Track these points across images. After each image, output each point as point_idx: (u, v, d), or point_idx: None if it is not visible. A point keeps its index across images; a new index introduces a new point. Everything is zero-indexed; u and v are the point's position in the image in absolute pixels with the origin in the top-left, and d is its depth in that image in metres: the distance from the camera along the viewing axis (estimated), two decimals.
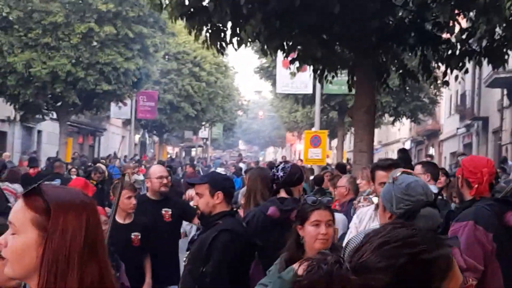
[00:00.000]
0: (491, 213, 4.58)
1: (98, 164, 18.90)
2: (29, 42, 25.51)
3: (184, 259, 5.28)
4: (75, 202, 2.09)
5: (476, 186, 4.76)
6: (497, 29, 10.79)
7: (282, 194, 5.72)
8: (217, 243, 4.82)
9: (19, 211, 2.09)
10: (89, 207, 2.12)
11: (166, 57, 41.65)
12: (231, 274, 4.80)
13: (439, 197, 5.76)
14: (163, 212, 7.55)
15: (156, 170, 7.81)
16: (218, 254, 4.80)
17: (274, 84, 29.60)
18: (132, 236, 7.04)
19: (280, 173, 5.78)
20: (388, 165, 5.26)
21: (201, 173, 24.79)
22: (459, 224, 4.55)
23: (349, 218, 6.84)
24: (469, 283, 2.12)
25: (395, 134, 58.02)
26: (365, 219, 5.51)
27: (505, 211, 4.59)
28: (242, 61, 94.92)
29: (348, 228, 6.30)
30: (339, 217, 7.07)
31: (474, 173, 4.79)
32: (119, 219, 6.75)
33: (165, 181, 7.57)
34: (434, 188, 4.55)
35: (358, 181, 8.06)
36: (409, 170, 4.33)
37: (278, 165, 6.01)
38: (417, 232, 1.72)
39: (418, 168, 7.73)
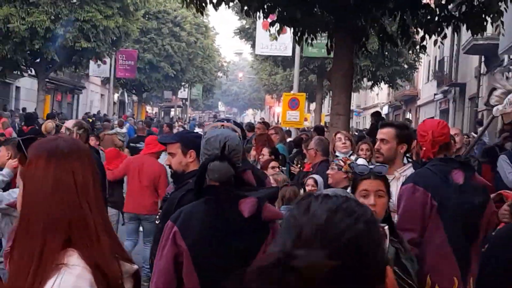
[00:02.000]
0: (432, 173, 4.80)
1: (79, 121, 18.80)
2: None
3: (157, 217, 5.24)
4: (46, 150, 2.26)
5: (424, 148, 5.00)
6: None
7: None
8: (184, 202, 4.48)
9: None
10: (65, 155, 2.26)
11: (146, 16, 41.35)
12: None
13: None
14: None
15: None
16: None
17: (254, 45, 29.58)
18: None
19: None
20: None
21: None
22: (403, 187, 4.86)
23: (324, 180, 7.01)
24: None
25: (373, 98, 58.32)
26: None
27: (450, 170, 4.80)
28: (222, 22, 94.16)
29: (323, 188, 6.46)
30: (317, 178, 7.23)
31: (423, 136, 5.04)
32: None
33: None
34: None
35: (342, 141, 8.12)
36: (223, 124, 4.59)
37: None
38: None
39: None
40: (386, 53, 21.58)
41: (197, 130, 26.61)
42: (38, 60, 28.70)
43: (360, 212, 1.44)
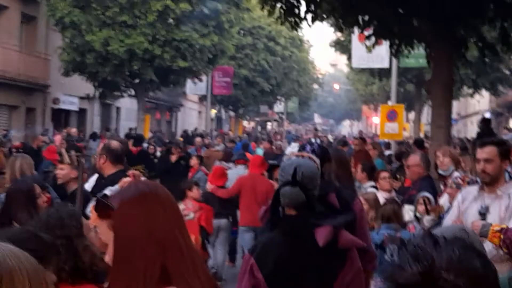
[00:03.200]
0: None
1: (178, 140, 19.15)
2: (106, 20, 25.97)
3: None
4: (127, 201, 2.35)
5: None
6: None
7: None
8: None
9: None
10: (141, 202, 2.34)
11: (241, 32, 41.73)
12: None
13: None
14: None
15: None
16: None
17: (349, 57, 29.31)
18: None
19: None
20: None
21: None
22: None
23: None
24: None
25: (474, 105, 56.76)
26: (468, 199, 5.44)
27: None
28: (317, 34, 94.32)
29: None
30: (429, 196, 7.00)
31: None
32: None
33: None
34: None
35: (440, 159, 7.91)
36: (302, 154, 4.53)
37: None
38: None
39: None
40: (487, 59, 20.95)
41: (293, 144, 26.56)
42: (137, 81, 29.39)
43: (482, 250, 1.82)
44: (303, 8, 11.01)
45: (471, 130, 50.57)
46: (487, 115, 50.31)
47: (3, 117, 29.25)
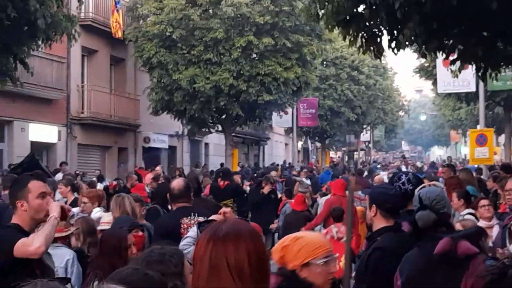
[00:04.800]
0: None
1: (268, 175, 19.31)
2: (192, 58, 26.56)
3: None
4: (208, 233, 2.44)
5: None
6: None
7: (410, 207, 5.24)
8: (370, 262, 4.74)
9: None
10: (220, 238, 2.40)
11: (324, 63, 41.87)
12: None
13: None
14: None
15: None
16: (370, 272, 4.73)
17: (435, 83, 28.99)
18: None
19: (409, 186, 5.47)
20: None
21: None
22: None
23: None
24: None
25: None
26: None
27: None
28: (400, 61, 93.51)
29: None
30: None
31: None
32: None
33: None
34: None
35: None
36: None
37: (399, 178, 5.64)
38: None
39: None
40: None
41: (382, 173, 26.41)
42: (223, 117, 29.85)
43: None
44: (385, 36, 11.06)
45: None
46: None
47: (96, 157, 30.18)
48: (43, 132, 26.08)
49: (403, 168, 30.63)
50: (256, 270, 2.35)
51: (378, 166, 45.21)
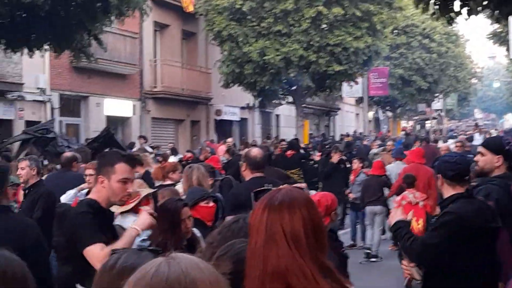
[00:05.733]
0: None
1: (336, 145, 19.46)
2: (262, 31, 26.69)
3: None
4: (263, 202, 2.48)
5: None
6: None
7: None
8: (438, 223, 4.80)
9: None
10: (275, 207, 2.45)
11: (395, 32, 41.37)
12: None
13: None
14: None
15: None
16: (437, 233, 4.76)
17: (508, 49, 28.39)
18: None
19: None
20: None
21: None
22: None
23: None
24: None
25: None
26: None
27: None
28: (473, 27, 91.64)
29: None
30: None
31: None
32: None
33: None
34: None
35: None
36: None
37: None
38: None
39: None
40: None
41: (450, 141, 26.14)
42: (294, 88, 29.94)
43: None
44: (457, 2, 10.99)
45: None
46: None
47: (170, 131, 30.75)
48: (118, 106, 26.75)
49: (476, 136, 30.08)
50: (312, 238, 2.39)
51: (455, 134, 44.45)
